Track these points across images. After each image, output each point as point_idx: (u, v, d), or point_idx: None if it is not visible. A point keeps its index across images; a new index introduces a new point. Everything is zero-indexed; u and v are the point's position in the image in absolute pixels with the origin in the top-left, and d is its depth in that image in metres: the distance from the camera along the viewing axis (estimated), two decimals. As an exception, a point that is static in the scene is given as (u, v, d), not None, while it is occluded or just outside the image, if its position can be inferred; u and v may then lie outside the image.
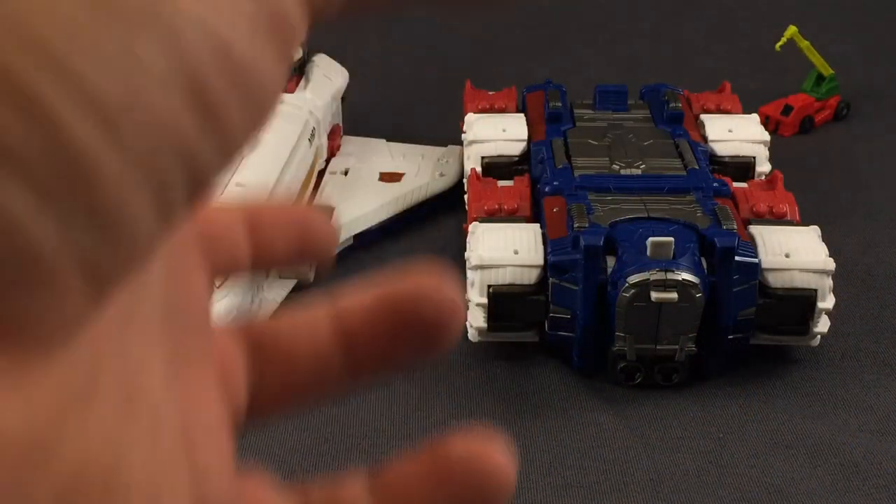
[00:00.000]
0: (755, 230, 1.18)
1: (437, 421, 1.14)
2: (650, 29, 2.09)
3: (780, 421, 1.14)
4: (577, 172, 1.26)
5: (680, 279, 1.07)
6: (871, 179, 1.59)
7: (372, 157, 1.57)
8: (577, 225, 1.13)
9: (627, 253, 1.10)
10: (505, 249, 1.15)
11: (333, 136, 1.57)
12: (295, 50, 0.17)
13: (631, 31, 2.09)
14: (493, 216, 1.24)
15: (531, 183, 1.31)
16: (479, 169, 1.36)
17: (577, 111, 1.43)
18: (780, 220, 1.23)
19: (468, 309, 1.17)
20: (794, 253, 1.14)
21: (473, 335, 1.18)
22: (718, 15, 2.13)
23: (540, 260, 1.14)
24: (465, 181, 1.39)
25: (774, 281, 1.13)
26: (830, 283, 1.14)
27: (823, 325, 1.16)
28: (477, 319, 1.16)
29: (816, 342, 1.19)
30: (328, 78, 1.57)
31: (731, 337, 1.14)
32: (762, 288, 1.13)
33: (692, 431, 1.12)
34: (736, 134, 1.40)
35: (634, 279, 1.07)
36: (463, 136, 1.43)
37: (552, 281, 1.13)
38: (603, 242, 1.10)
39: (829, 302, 1.14)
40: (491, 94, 1.52)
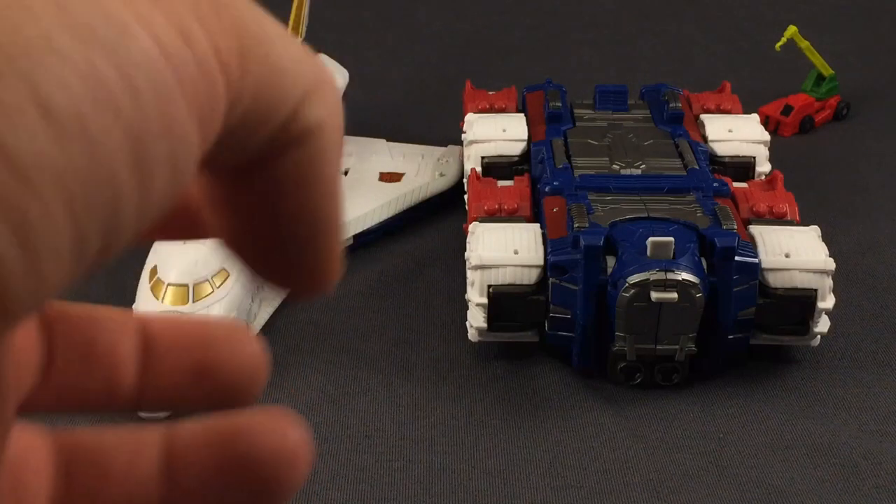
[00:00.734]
0: (755, 230, 1.18)
1: (437, 421, 1.14)
2: (650, 29, 2.09)
3: (780, 421, 1.14)
4: (577, 172, 1.26)
5: (680, 279, 1.07)
6: (871, 179, 1.59)
7: (372, 157, 1.57)
8: (577, 225, 1.13)
9: (627, 253, 1.10)
10: (505, 249, 1.15)
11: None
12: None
13: (631, 31, 2.09)
14: (493, 216, 1.24)
15: (531, 183, 1.31)
16: (479, 169, 1.36)
17: (577, 111, 1.43)
18: (780, 220, 1.23)
19: (468, 309, 1.17)
20: (794, 253, 1.14)
21: (473, 335, 1.18)
22: (718, 15, 2.13)
23: (540, 260, 1.14)
24: (465, 181, 1.39)
25: (774, 281, 1.13)
26: (830, 283, 1.14)
27: (823, 325, 1.16)
28: (477, 319, 1.16)
29: (816, 342, 1.19)
30: (328, 78, 1.57)
31: (731, 337, 1.14)
32: (762, 288, 1.13)
33: (692, 431, 1.12)
34: (736, 134, 1.40)
35: (634, 279, 1.07)
36: (463, 136, 1.43)
37: (552, 281, 1.13)
38: (603, 242, 1.10)
39: (829, 302, 1.14)
40: (491, 94, 1.52)
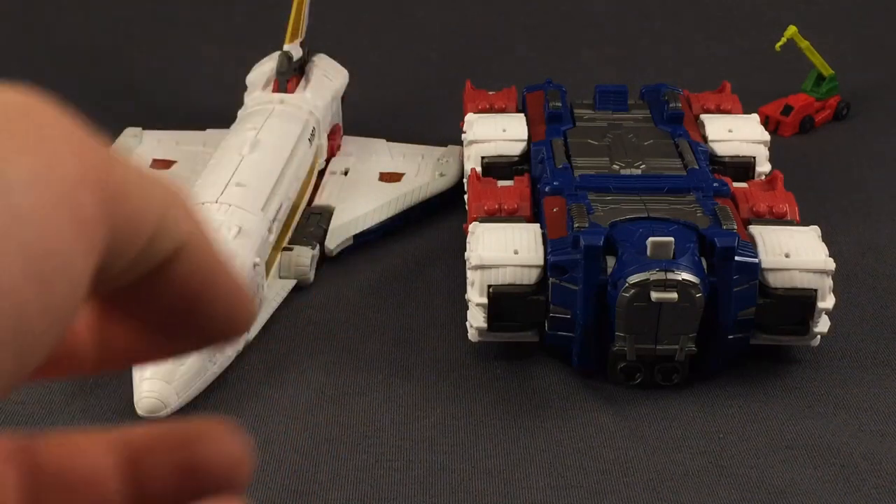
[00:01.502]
0: (755, 230, 1.18)
1: (437, 421, 1.14)
2: (650, 29, 2.09)
3: (780, 421, 1.14)
4: (577, 172, 1.26)
5: (680, 279, 1.07)
6: (871, 179, 1.59)
7: (372, 157, 1.57)
8: (577, 225, 1.13)
9: (627, 253, 1.09)
10: (505, 249, 1.15)
11: (333, 136, 1.57)
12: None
13: (631, 31, 2.09)
14: (493, 216, 1.24)
15: (531, 183, 1.31)
16: (479, 169, 1.36)
17: (577, 111, 1.43)
18: (780, 220, 1.23)
19: (468, 309, 1.17)
20: (794, 253, 1.14)
21: (473, 335, 1.18)
22: (718, 15, 2.13)
23: (540, 260, 1.14)
24: (465, 181, 1.39)
25: (774, 281, 1.13)
26: (830, 283, 1.14)
27: (823, 325, 1.16)
28: (477, 319, 1.16)
29: (816, 342, 1.19)
30: (328, 78, 1.58)
31: (731, 337, 1.14)
32: (762, 288, 1.13)
33: (692, 431, 1.12)
34: (736, 134, 1.40)
35: (634, 279, 1.07)
36: (463, 136, 1.43)
37: (552, 281, 1.13)
38: (603, 242, 1.10)
39: (829, 302, 1.14)
40: (491, 94, 1.52)
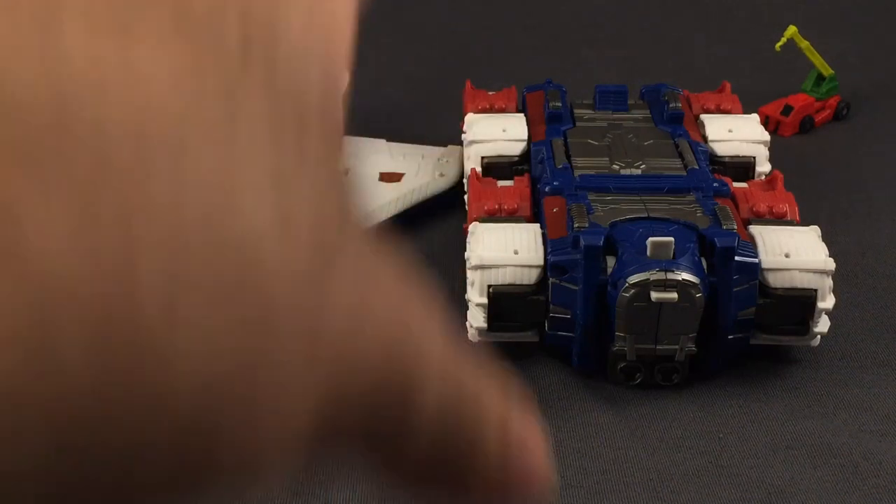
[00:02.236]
0: (755, 230, 1.18)
1: (437, 421, 1.14)
2: (650, 29, 2.09)
3: (780, 421, 1.14)
4: (577, 172, 1.26)
5: (680, 279, 1.07)
6: (871, 179, 1.59)
7: (372, 156, 1.57)
8: (577, 225, 1.13)
9: (627, 253, 1.10)
10: (505, 249, 1.15)
11: (333, 136, 1.57)
12: None
13: (631, 31, 2.09)
14: (493, 216, 1.24)
15: (531, 183, 1.31)
16: (479, 169, 1.36)
17: (577, 111, 1.43)
18: (780, 220, 1.23)
19: (468, 309, 1.17)
20: (794, 253, 1.14)
21: (473, 335, 1.18)
22: (718, 15, 2.13)
23: (540, 260, 1.14)
24: (465, 181, 1.39)
25: (774, 281, 1.13)
26: (830, 283, 1.14)
27: (823, 325, 1.16)
28: (477, 319, 1.16)
29: (816, 342, 1.19)
30: (328, 78, 1.57)
31: (731, 337, 1.14)
32: (762, 288, 1.13)
33: (692, 431, 1.12)
34: (736, 134, 1.40)
35: (634, 279, 1.07)
36: (463, 136, 1.43)
37: (552, 281, 1.13)
38: (603, 242, 1.10)
39: (829, 302, 1.14)
40: (491, 94, 1.52)
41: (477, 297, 1.15)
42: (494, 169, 1.36)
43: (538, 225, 1.21)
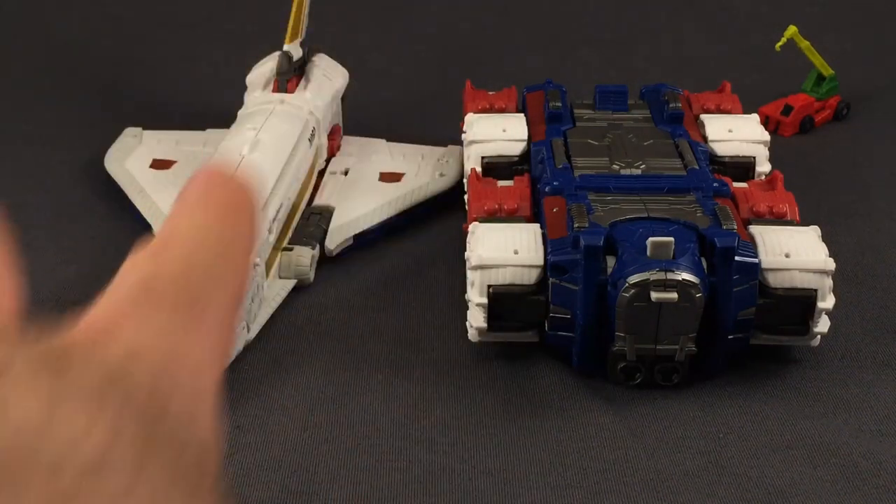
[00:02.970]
0: (755, 230, 1.18)
1: (436, 421, 1.14)
2: (650, 29, 2.09)
3: (780, 421, 1.14)
4: (577, 172, 1.26)
5: (680, 279, 1.07)
6: (871, 179, 1.59)
7: (372, 157, 1.57)
8: (577, 225, 1.13)
9: (627, 253, 1.09)
10: (505, 249, 1.15)
11: (333, 136, 1.57)
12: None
13: (631, 30, 2.09)
14: (493, 216, 1.24)
15: (531, 183, 1.31)
16: (479, 169, 1.36)
17: (577, 111, 1.43)
18: (780, 220, 1.23)
19: (468, 309, 1.17)
20: (794, 253, 1.14)
21: (473, 335, 1.18)
22: (718, 15, 2.13)
23: (540, 260, 1.14)
24: (465, 181, 1.39)
25: (774, 281, 1.13)
26: (830, 283, 1.14)
27: (823, 325, 1.16)
28: (477, 319, 1.16)
29: (816, 342, 1.19)
30: (328, 78, 1.57)
31: (731, 337, 1.14)
32: (762, 288, 1.13)
33: (692, 431, 1.12)
34: (736, 134, 1.40)
35: (634, 279, 1.07)
36: (463, 136, 1.43)
37: (552, 281, 1.13)
38: (603, 242, 1.10)
39: (829, 302, 1.14)
40: (491, 94, 1.52)
41: (477, 297, 1.15)
42: (494, 169, 1.36)
43: (538, 225, 1.21)
